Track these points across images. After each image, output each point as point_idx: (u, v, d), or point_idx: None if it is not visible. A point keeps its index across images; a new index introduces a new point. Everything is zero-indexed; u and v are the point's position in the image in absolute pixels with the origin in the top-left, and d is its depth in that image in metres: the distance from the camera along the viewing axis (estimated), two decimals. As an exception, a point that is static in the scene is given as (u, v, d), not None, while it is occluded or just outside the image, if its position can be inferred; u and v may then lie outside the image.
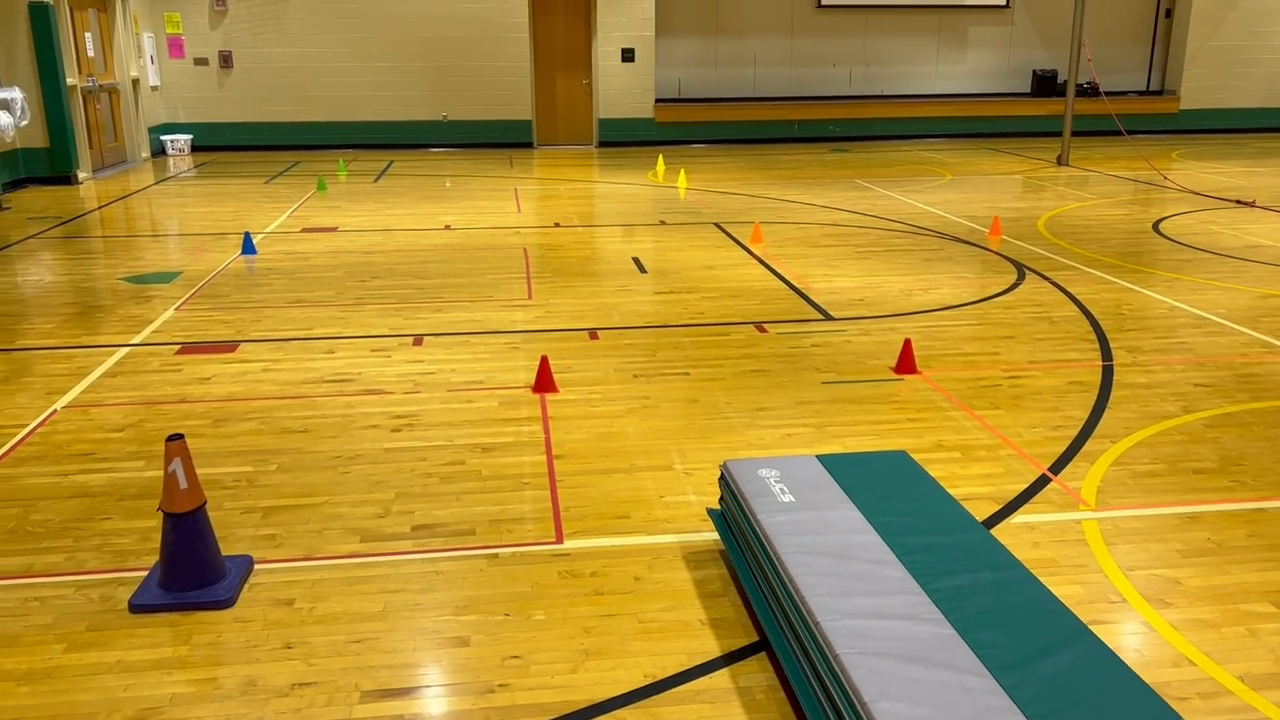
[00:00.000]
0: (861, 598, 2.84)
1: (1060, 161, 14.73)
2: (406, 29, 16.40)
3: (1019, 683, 2.47)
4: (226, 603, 3.43)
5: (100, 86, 14.24)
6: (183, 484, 3.41)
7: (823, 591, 2.87)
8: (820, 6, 17.73)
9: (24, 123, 12.24)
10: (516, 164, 15.32)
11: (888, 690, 2.46)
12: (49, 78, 12.60)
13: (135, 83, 15.19)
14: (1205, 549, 3.76)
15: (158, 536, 3.88)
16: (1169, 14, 18.60)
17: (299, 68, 16.36)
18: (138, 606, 3.40)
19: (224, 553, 3.69)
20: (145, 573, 3.63)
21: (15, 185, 12.55)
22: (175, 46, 16.16)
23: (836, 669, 2.58)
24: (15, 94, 12.06)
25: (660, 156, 15.00)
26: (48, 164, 12.92)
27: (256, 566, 3.69)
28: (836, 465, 3.68)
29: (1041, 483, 4.33)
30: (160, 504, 3.44)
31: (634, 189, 12.81)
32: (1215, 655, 3.12)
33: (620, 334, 6.54)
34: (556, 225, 10.33)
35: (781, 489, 3.48)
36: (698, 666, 3.11)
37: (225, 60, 16.25)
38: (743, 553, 3.49)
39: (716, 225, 10.21)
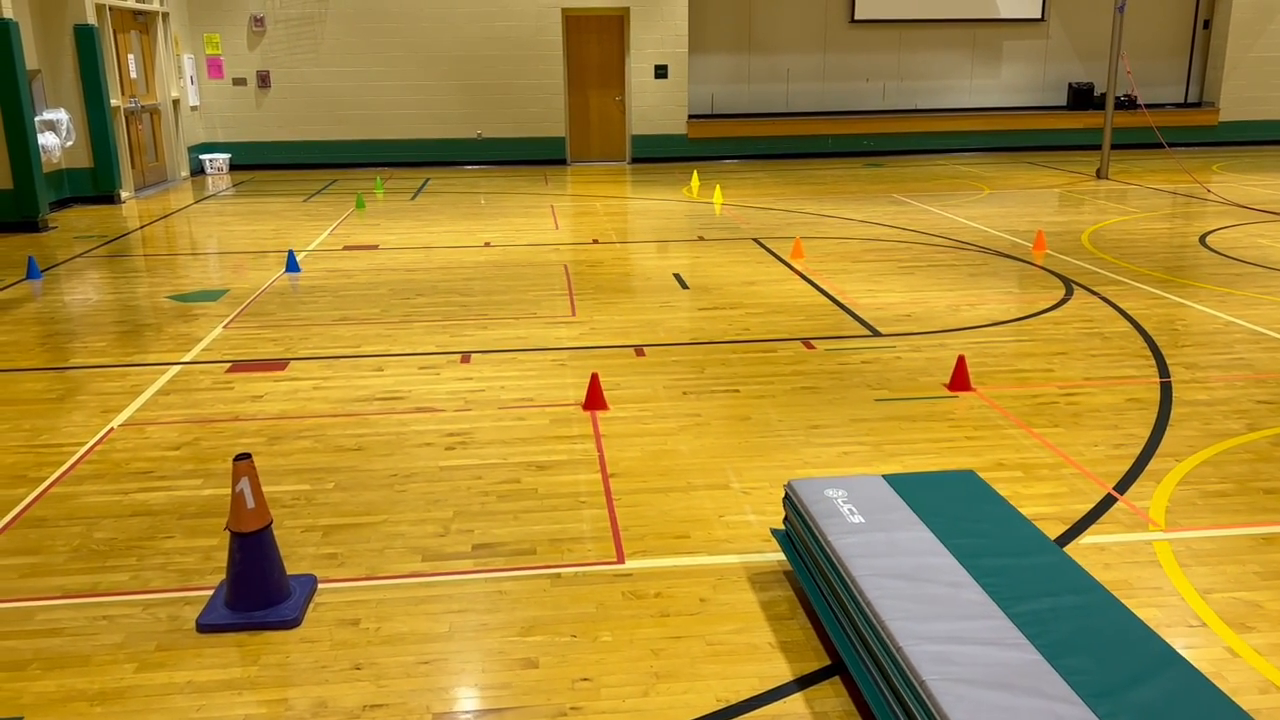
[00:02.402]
0: (942, 622, 2.79)
1: (1099, 175, 14.59)
2: (441, 48, 16.53)
3: (1114, 711, 2.41)
4: (293, 622, 3.42)
5: (142, 107, 14.44)
6: (250, 503, 3.42)
7: (902, 615, 2.82)
8: (853, 21, 17.71)
9: (69, 143, 12.45)
10: (551, 181, 15.37)
11: (978, 718, 2.40)
12: (93, 99, 12.79)
13: (175, 103, 15.40)
14: (1284, 571, 3.68)
15: (220, 555, 3.89)
16: (1207, 25, 18.42)
17: (335, 87, 16.53)
18: (205, 626, 3.40)
19: (287, 571, 3.69)
20: (209, 592, 3.64)
21: (60, 205, 12.73)
22: (214, 67, 16.38)
23: (923, 695, 2.53)
24: (61, 115, 12.27)
25: (695, 172, 15.00)
26: (91, 183, 13.10)
27: (320, 586, 3.68)
28: (904, 485, 3.63)
29: (1108, 502, 4.25)
30: (227, 523, 3.44)
31: (670, 205, 12.81)
32: (1304, 682, 3.04)
33: (666, 350, 6.52)
34: (595, 242, 10.34)
35: (850, 509, 3.44)
36: (771, 691, 3.07)
37: (263, 80, 16.44)
38: (811, 574, 3.44)
39: (756, 240, 10.18)
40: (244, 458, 3.42)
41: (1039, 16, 18.01)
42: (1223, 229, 10.47)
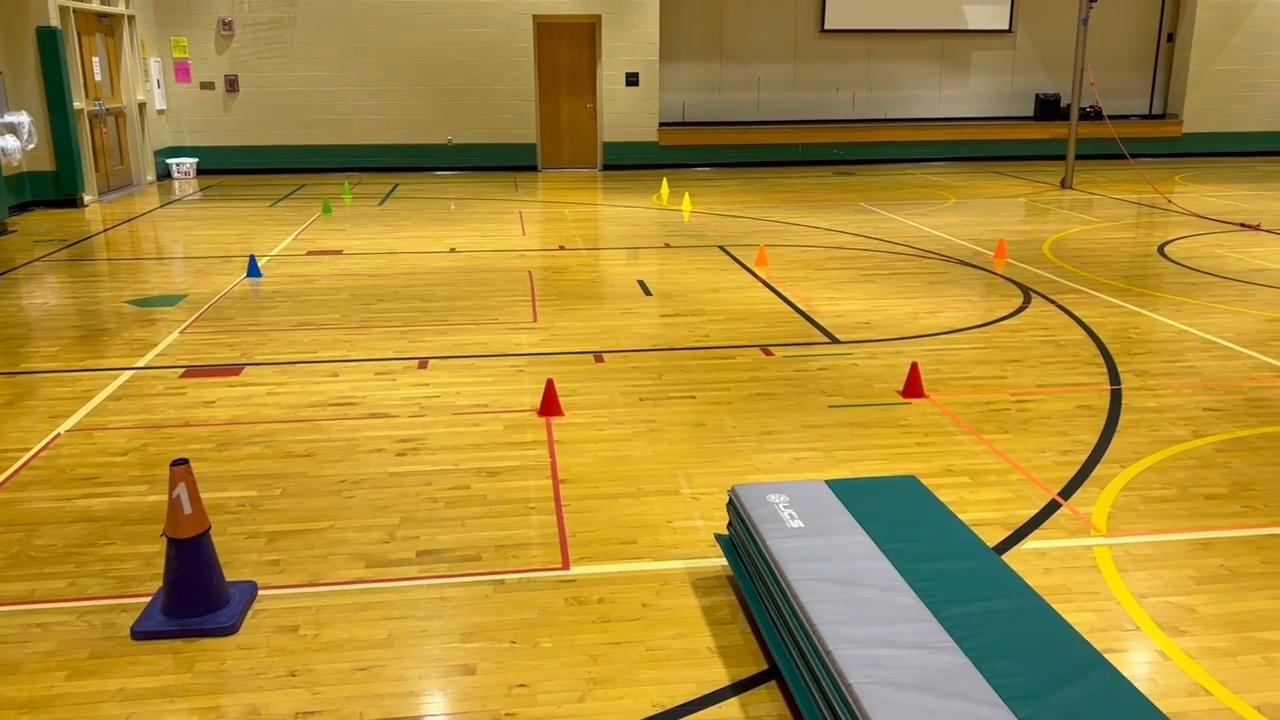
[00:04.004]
0: (873, 625, 2.80)
1: (1064, 185, 14.75)
2: (411, 53, 16.49)
3: (1035, 713, 2.43)
4: (230, 629, 3.39)
5: (107, 110, 14.31)
6: (187, 509, 3.39)
7: (834, 619, 2.83)
8: (823, 31, 17.82)
9: (31, 146, 12.30)
10: (521, 187, 15.36)
11: (901, 721, 2.41)
12: (56, 102, 12.67)
13: (141, 106, 15.27)
14: (1219, 576, 3.72)
15: (161, 562, 3.85)
16: (1170, 38, 18.68)
17: (304, 92, 16.44)
18: (140, 633, 3.36)
19: (228, 578, 3.66)
20: (148, 599, 3.60)
21: (21, 208, 12.58)
22: (181, 71, 16.26)
23: (849, 699, 2.54)
24: (22, 118, 12.13)
25: (664, 180, 15.04)
26: (54, 187, 12.97)
27: (260, 592, 3.65)
28: (846, 490, 3.64)
29: (1052, 508, 4.29)
30: (164, 529, 3.41)
31: (638, 212, 12.83)
32: (1232, 684, 3.08)
33: (626, 357, 6.52)
34: (561, 248, 10.34)
35: (790, 514, 3.45)
36: (707, 696, 3.07)
37: (231, 84, 16.33)
38: (751, 579, 3.45)
39: (721, 248, 10.21)
40: (181, 463, 3.39)
41: (1007, 28, 18.20)
42: (1181, 239, 10.60)
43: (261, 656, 3.27)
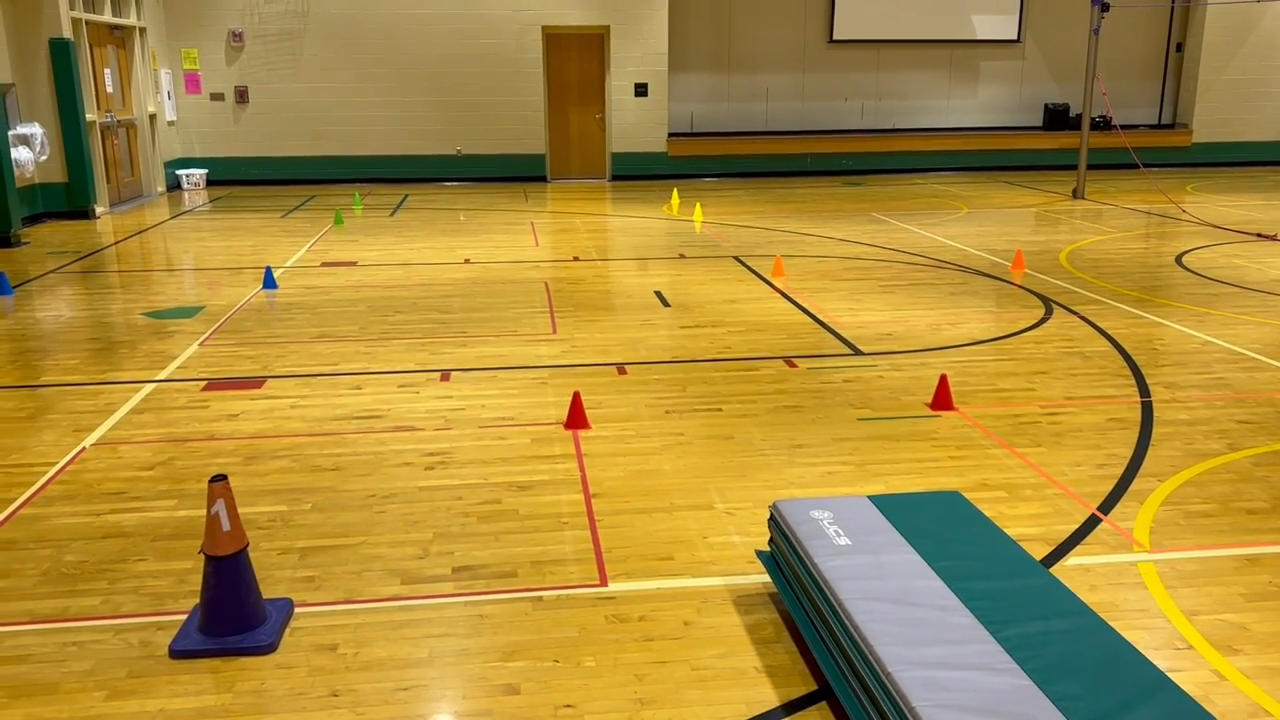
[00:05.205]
0: (931, 646, 2.75)
1: (1076, 195, 14.72)
2: (421, 64, 16.50)
3: (1106, 738, 2.38)
4: (269, 648, 3.34)
5: (118, 122, 14.31)
6: (225, 526, 3.34)
7: (890, 640, 2.78)
8: (832, 41, 17.83)
9: (43, 158, 12.31)
10: (531, 198, 15.35)
11: (970, 745, 2.36)
12: (68, 113, 12.67)
13: (152, 118, 15.28)
14: (1268, 593, 3.67)
15: (194, 579, 3.80)
16: (1180, 48, 18.68)
17: (314, 103, 16.45)
18: (178, 652, 3.31)
19: (263, 595, 3.61)
20: (183, 616, 3.55)
21: (33, 220, 12.57)
22: (192, 82, 16.27)
23: (913, 722, 2.49)
24: (35, 129, 12.13)
25: (675, 190, 15.01)
26: (66, 199, 12.95)
27: (297, 610, 3.60)
28: (889, 506, 3.60)
29: (1092, 523, 4.24)
30: (202, 546, 3.36)
31: (650, 222, 12.81)
32: (1292, 705, 3.02)
33: (648, 369, 6.48)
34: (575, 259, 10.30)
35: (836, 531, 3.40)
36: (757, 717, 3.02)
37: (241, 95, 16.34)
38: (797, 597, 3.40)
39: (736, 259, 10.18)
40: (220, 479, 3.35)
41: (1015, 38, 18.21)
42: (1198, 249, 10.57)
43: (302, 676, 3.22)
